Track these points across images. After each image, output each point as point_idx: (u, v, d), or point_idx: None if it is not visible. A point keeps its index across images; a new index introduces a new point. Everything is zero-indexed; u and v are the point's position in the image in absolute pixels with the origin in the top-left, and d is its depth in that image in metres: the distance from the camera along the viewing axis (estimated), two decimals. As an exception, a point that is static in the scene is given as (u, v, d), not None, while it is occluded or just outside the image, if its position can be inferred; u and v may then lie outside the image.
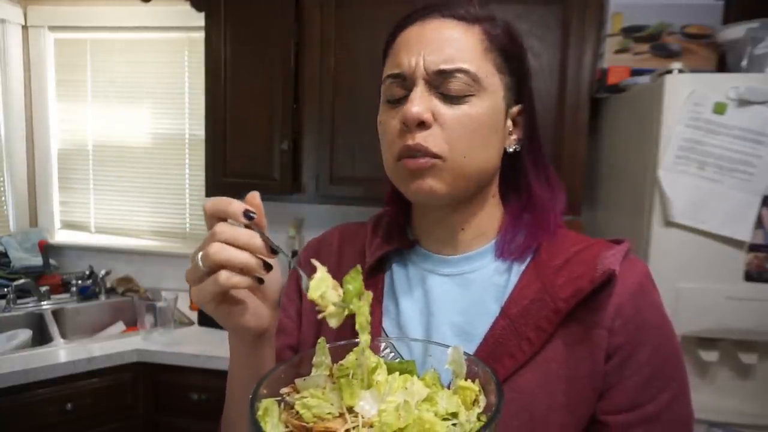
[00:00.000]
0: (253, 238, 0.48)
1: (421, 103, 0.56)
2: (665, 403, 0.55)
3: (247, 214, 0.49)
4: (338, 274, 0.68)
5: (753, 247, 1.27)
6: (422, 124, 0.56)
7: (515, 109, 0.62)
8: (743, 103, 1.23)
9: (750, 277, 1.28)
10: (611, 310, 0.55)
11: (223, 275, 0.47)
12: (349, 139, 1.87)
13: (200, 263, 0.48)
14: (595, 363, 0.55)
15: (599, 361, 0.55)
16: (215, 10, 1.94)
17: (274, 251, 0.49)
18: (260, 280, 0.50)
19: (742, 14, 1.46)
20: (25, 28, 2.50)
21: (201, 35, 2.01)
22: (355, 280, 0.48)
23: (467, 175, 0.58)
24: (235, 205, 0.49)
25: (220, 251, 0.47)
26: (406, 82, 0.58)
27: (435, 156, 0.56)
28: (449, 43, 0.57)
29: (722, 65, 1.58)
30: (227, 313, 0.52)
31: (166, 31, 2.40)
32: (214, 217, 0.50)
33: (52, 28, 2.52)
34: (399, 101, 0.59)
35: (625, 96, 1.63)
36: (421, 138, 0.55)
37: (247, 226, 0.49)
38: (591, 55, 1.68)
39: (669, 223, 1.29)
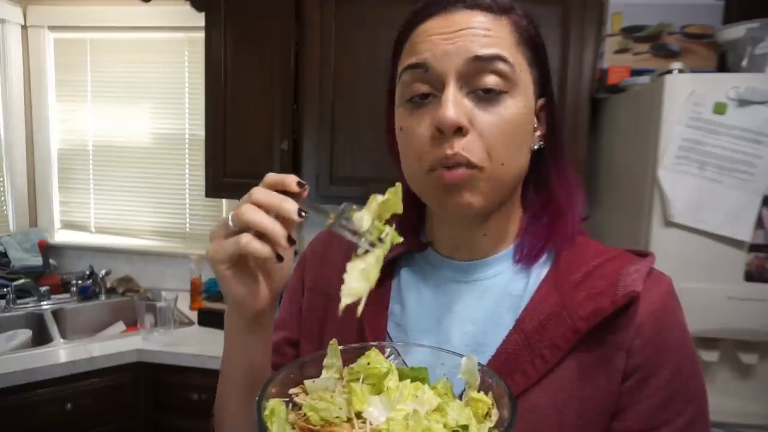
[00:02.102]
0: (285, 201, 0.47)
1: (456, 105, 0.50)
2: (682, 427, 0.53)
3: (299, 182, 0.49)
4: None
5: (753, 247, 1.26)
6: (459, 130, 0.51)
7: (539, 103, 0.59)
8: (743, 103, 1.23)
9: (750, 277, 1.27)
10: (631, 330, 0.53)
11: (245, 238, 0.47)
12: (349, 139, 1.87)
13: (230, 221, 0.49)
14: (611, 383, 0.53)
15: (615, 381, 0.53)
16: (215, 10, 1.94)
17: (301, 214, 0.48)
18: (280, 258, 0.49)
19: (742, 14, 1.46)
20: (24, 28, 2.50)
21: (201, 35, 2.01)
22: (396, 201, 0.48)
23: (502, 184, 0.54)
24: (291, 177, 0.50)
25: (250, 211, 0.47)
26: (429, 75, 0.52)
27: (474, 166, 0.51)
28: (482, 33, 0.52)
29: (722, 65, 1.58)
30: (233, 279, 0.51)
31: (166, 31, 2.40)
32: (271, 187, 0.50)
33: (52, 28, 2.52)
34: (424, 102, 0.54)
35: (625, 96, 1.63)
36: (460, 146, 0.51)
37: (294, 196, 0.49)
38: (591, 55, 1.68)
39: (669, 223, 1.29)
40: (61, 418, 1.70)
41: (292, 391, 0.45)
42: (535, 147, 0.59)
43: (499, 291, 0.59)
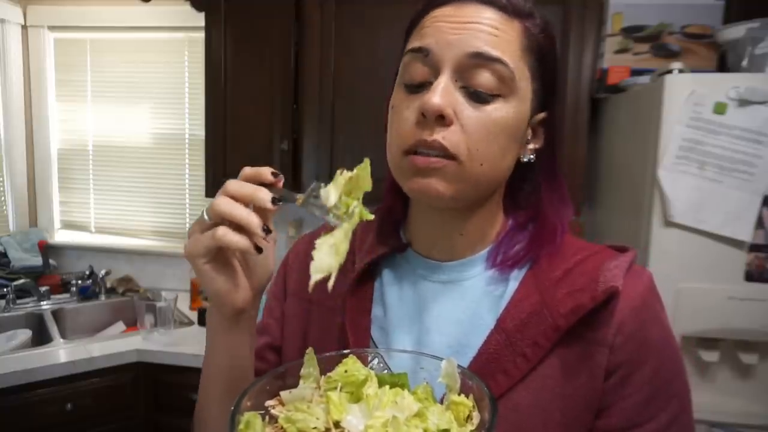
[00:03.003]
0: (258, 191, 0.48)
1: (445, 95, 0.50)
2: (665, 423, 0.53)
3: (273, 173, 0.50)
4: None
5: (753, 247, 1.26)
6: (441, 119, 0.51)
7: (539, 117, 0.58)
8: (743, 103, 1.23)
9: (751, 277, 1.27)
10: (612, 326, 0.53)
11: (221, 230, 0.47)
12: (349, 139, 1.87)
13: (205, 215, 0.49)
14: (594, 381, 0.53)
15: (598, 379, 0.53)
16: (215, 10, 1.94)
17: (275, 202, 0.48)
18: (259, 249, 0.49)
19: (742, 14, 1.46)
20: (24, 28, 2.50)
21: (201, 35, 2.01)
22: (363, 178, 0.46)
23: (476, 183, 0.54)
24: (266, 168, 0.50)
25: (224, 203, 0.47)
26: (429, 60, 0.52)
27: (450, 157, 0.51)
28: (489, 31, 0.51)
29: (722, 65, 1.58)
30: (212, 273, 0.51)
31: (166, 31, 2.40)
32: (246, 180, 0.50)
33: (52, 28, 2.52)
34: (419, 88, 0.53)
35: (625, 96, 1.63)
36: (439, 135, 0.51)
37: (269, 187, 0.49)
38: (591, 55, 1.68)
39: (669, 223, 1.29)
40: (61, 418, 1.69)
41: (268, 403, 0.44)
42: (525, 159, 0.58)
43: (479, 292, 0.58)
